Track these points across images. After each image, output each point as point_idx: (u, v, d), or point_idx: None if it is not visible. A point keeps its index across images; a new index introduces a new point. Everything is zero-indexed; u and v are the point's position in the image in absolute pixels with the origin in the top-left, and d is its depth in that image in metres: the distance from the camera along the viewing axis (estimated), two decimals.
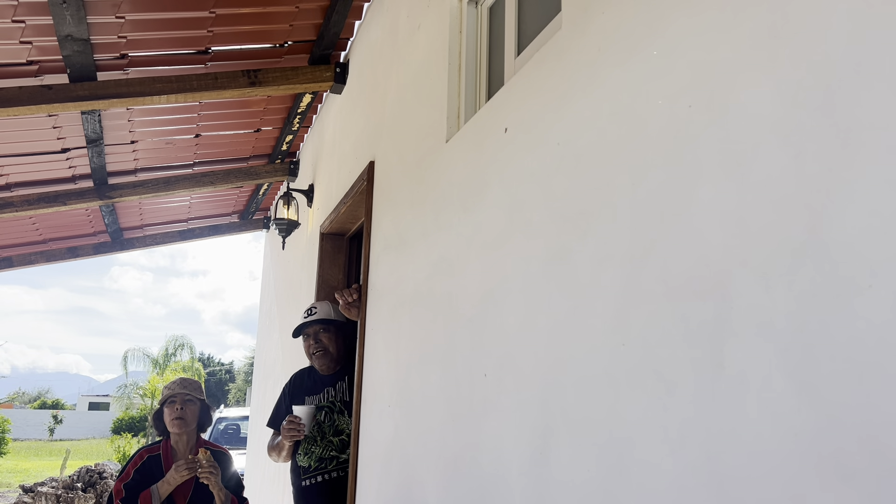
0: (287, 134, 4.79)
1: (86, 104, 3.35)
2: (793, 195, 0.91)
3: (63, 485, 7.73)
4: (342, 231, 3.81)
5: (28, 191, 4.62)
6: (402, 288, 2.41)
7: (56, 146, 4.16)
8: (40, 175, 4.53)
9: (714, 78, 1.07)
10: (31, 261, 5.99)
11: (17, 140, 4.00)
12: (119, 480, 3.03)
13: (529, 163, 1.61)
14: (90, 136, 4.03)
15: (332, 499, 2.93)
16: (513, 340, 1.59)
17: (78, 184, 4.73)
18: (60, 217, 5.42)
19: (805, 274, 0.87)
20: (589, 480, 1.25)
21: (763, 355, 0.92)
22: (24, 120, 3.71)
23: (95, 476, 8.10)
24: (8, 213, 4.65)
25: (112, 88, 3.34)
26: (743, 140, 1.00)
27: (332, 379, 3.16)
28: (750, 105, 1.00)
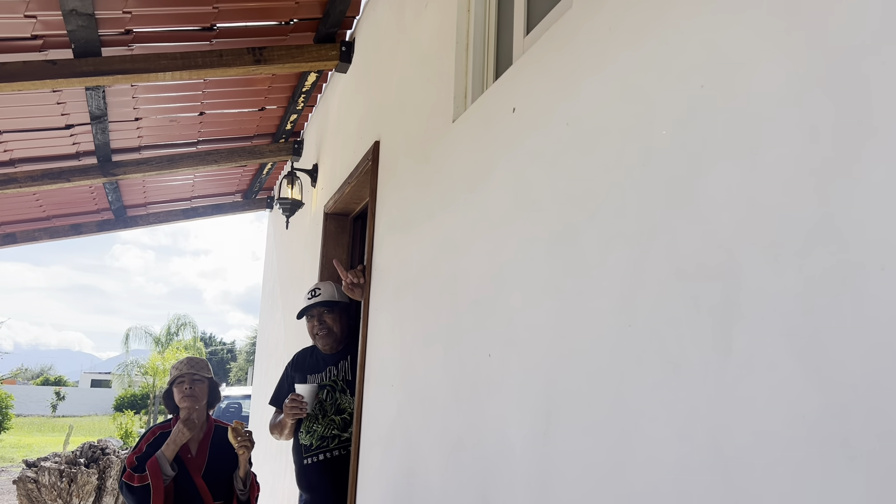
0: (291, 113, 4.77)
1: (90, 80, 3.33)
2: (805, 176, 0.90)
3: (66, 460, 7.78)
4: (346, 211, 3.81)
5: (32, 167, 4.61)
6: (407, 269, 2.41)
7: (60, 122, 4.14)
8: (44, 151, 4.52)
9: (727, 57, 1.06)
10: (35, 237, 5.99)
11: (21, 115, 3.99)
12: (132, 453, 3.07)
13: (537, 143, 1.60)
14: (94, 112, 4.02)
15: (333, 477, 2.95)
16: (518, 321, 1.59)
17: (82, 160, 4.72)
18: (64, 193, 5.42)
19: (816, 256, 0.87)
20: (593, 462, 1.25)
21: (771, 338, 0.91)
22: (29, 95, 3.70)
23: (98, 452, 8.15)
24: (11, 189, 4.64)
25: (117, 64, 3.33)
26: (756, 120, 0.99)
27: (334, 358, 3.17)
28: (764, 85, 0.99)
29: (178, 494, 3.01)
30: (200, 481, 3.04)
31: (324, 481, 2.98)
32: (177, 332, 27.74)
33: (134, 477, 2.96)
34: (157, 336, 27.35)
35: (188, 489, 3.03)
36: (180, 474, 3.02)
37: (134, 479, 2.95)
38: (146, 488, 2.92)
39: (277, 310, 5.56)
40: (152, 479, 2.92)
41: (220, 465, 3.10)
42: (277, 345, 5.27)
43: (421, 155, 2.39)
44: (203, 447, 3.12)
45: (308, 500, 3.07)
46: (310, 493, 3.06)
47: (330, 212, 3.82)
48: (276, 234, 6.22)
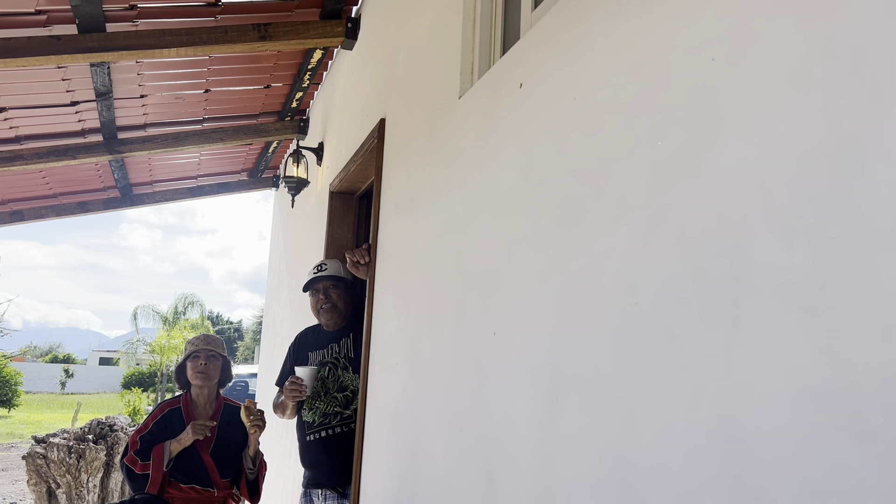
0: (297, 91, 4.74)
1: (95, 56, 3.31)
2: (818, 150, 0.88)
3: (75, 436, 7.86)
4: (352, 190, 3.79)
5: (37, 144, 4.61)
6: (412, 247, 2.40)
7: (65, 99, 4.13)
8: (49, 128, 4.51)
9: (739, 29, 1.04)
10: (42, 215, 6.01)
11: (26, 92, 3.97)
12: (136, 432, 3.09)
13: (545, 118, 1.58)
14: (99, 89, 4.00)
15: (335, 453, 2.96)
16: (523, 299, 1.58)
17: (87, 138, 4.71)
18: (70, 171, 5.42)
19: (828, 231, 0.85)
20: (598, 438, 1.25)
21: (781, 315, 0.90)
22: (33, 71, 3.68)
23: (106, 428, 8.22)
24: (18, 166, 4.64)
25: (121, 40, 3.30)
26: (768, 93, 0.97)
27: (336, 335, 3.17)
28: (776, 57, 0.96)
29: (186, 471, 3.04)
30: (208, 458, 3.06)
31: (326, 457, 2.99)
32: (184, 311, 27.90)
33: (137, 463, 2.98)
34: (165, 315, 27.51)
35: (196, 466, 3.05)
36: (189, 451, 3.04)
37: (137, 465, 2.97)
38: (147, 476, 2.95)
39: (283, 289, 5.57)
40: (153, 470, 2.95)
41: (229, 443, 3.12)
42: (283, 323, 5.28)
43: (427, 132, 2.37)
44: (214, 425, 3.14)
45: (311, 476, 3.08)
46: (313, 469, 3.07)
47: (335, 190, 3.80)
48: (282, 213, 6.22)
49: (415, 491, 2.08)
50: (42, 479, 7.55)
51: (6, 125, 4.29)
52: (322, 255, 3.83)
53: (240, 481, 3.15)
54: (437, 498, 1.92)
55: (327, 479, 3.00)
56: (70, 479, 7.51)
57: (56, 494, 7.53)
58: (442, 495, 1.89)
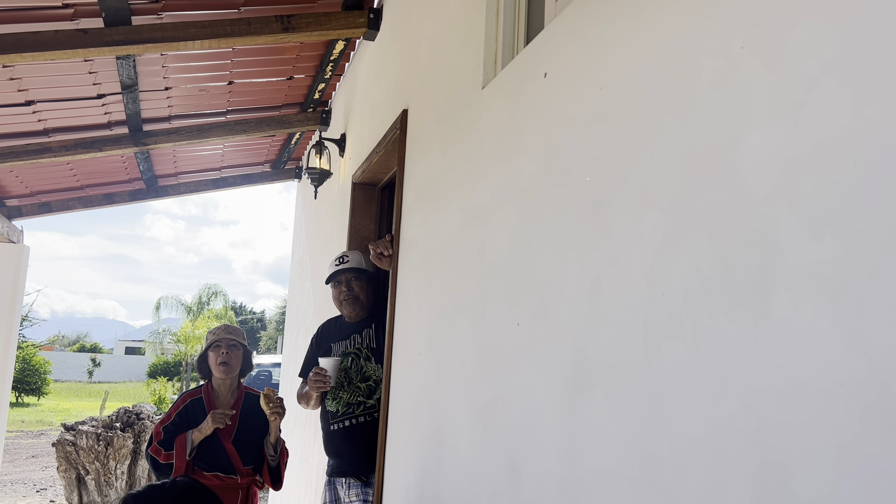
0: (319, 82, 4.76)
1: (121, 49, 3.35)
2: (847, 139, 0.87)
3: (103, 424, 8.00)
4: (374, 181, 3.80)
5: (65, 136, 4.67)
6: (435, 238, 2.40)
7: (92, 91, 4.18)
8: (77, 121, 4.57)
9: (768, 17, 1.02)
10: (69, 206, 6.10)
11: (53, 85, 4.03)
12: (160, 422, 3.15)
13: (569, 109, 1.57)
14: (125, 81, 4.04)
15: (359, 442, 2.99)
16: (547, 290, 1.58)
17: (113, 130, 4.76)
18: (96, 163, 5.49)
19: (857, 221, 0.84)
20: (623, 430, 1.24)
21: (810, 305, 0.89)
22: (61, 65, 3.73)
23: (133, 417, 8.36)
24: (46, 159, 4.71)
25: (146, 33, 3.33)
26: (797, 82, 0.96)
27: (358, 326, 3.19)
28: (806, 45, 0.95)
29: (210, 459, 3.09)
30: (230, 446, 3.10)
31: (350, 447, 3.02)
32: (208, 301, 28.22)
33: (161, 453, 3.04)
34: (189, 305, 27.84)
35: (219, 454, 3.09)
36: (211, 439, 3.09)
37: (161, 455, 3.04)
38: (171, 466, 3.01)
39: (306, 279, 5.61)
40: (177, 459, 3.01)
41: (250, 430, 3.17)
42: (307, 314, 5.32)
43: (449, 123, 2.37)
44: (234, 413, 3.18)
45: (335, 465, 3.11)
46: (337, 458, 3.11)
47: (358, 181, 3.82)
48: (305, 204, 6.25)
49: (439, 480, 2.10)
50: (71, 466, 7.70)
51: (34, 118, 4.36)
52: (345, 246, 3.84)
53: (262, 468, 3.19)
54: (462, 487, 1.93)
55: (351, 468, 3.03)
56: (98, 465, 7.65)
57: (85, 481, 7.68)
58: (466, 485, 1.90)
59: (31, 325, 26.24)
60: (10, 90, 3.90)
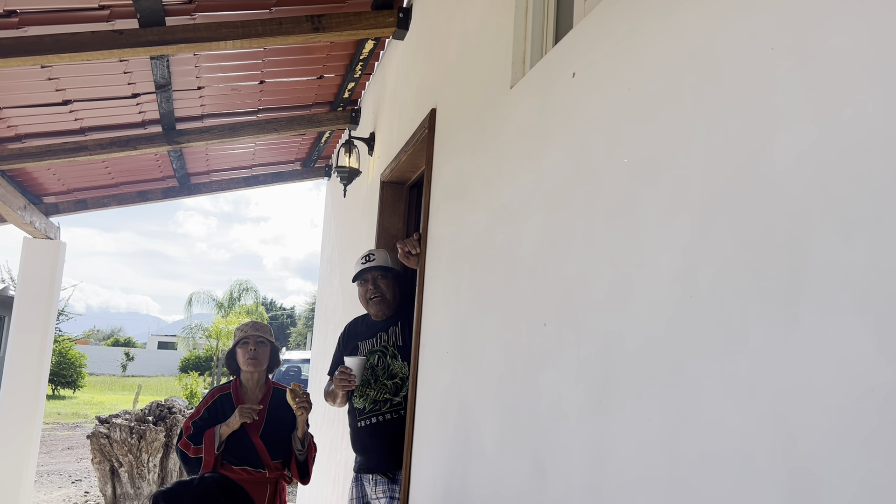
0: (349, 81, 4.79)
1: (155, 49, 3.41)
2: (880, 141, 0.85)
3: (136, 417, 8.15)
4: (402, 180, 3.82)
5: (101, 135, 4.77)
6: (462, 237, 2.41)
7: (127, 91, 4.25)
8: (112, 120, 4.66)
9: (800, 17, 1.01)
10: (104, 203, 6.22)
11: (90, 85, 4.11)
12: (189, 417, 3.21)
13: (597, 109, 1.57)
14: (159, 81, 4.11)
15: (385, 439, 3.01)
16: (574, 291, 1.57)
17: (147, 129, 4.85)
18: (131, 161, 5.59)
19: (890, 224, 0.83)
20: (650, 433, 1.24)
21: (841, 309, 0.88)
22: (97, 65, 3.80)
23: (165, 410, 8.51)
24: (83, 157, 4.81)
25: (180, 33, 3.38)
26: (829, 83, 0.94)
27: (385, 324, 3.21)
28: (838, 46, 0.93)
29: (238, 453, 3.13)
30: (258, 441, 3.15)
31: (377, 443, 3.04)
32: (239, 297, 28.54)
33: (190, 447, 3.10)
34: (220, 301, 28.20)
35: (247, 448, 3.14)
36: (240, 434, 3.13)
37: (190, 449, 3.09)
38: (200, 460, 3.07)
39: (335, 277, 5.65)
40: (206, 454, 3.06)
41: (278, 425, 3.20)
42: (335, 311, 5.36)
43: (477, 122, 2.37)
44: (262, 408, 3.22)
45: (362, 461, 3.14)
46: (364, 454, 3.13)
47: (386, 180, 3.84)
48: (334, 203, 6.30)
49: (465, 479, 2.10)
50: (105, 458, 7.86)
51: (71, 117, 4.45)
52: (373, 244, 3.87)
53: (290, 463, 3.23)
54: (488, 486, 1.93)
55: (378, 465, 3.05)
56: (132, 458, 7.80)
57: (119, 473, 7.83)
58: (492, 484, 1.90)
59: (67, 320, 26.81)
60: (49, 90, 3.99)
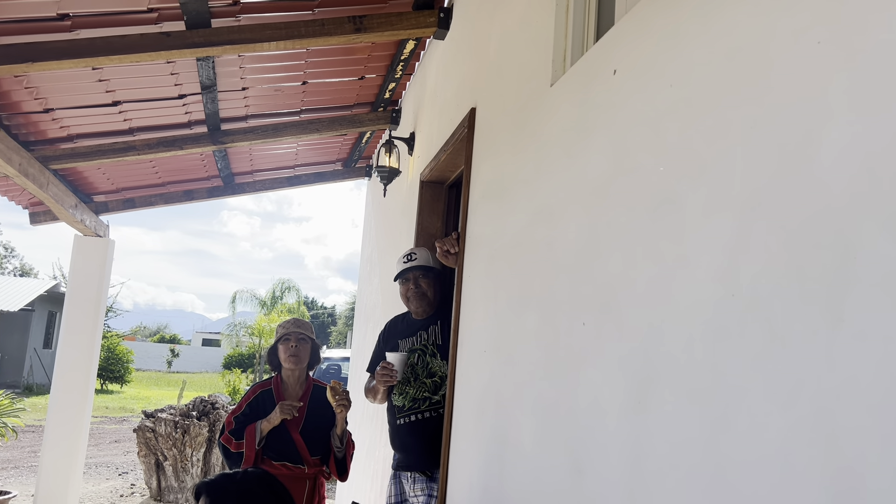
0: (390, 81, 4.82)
1: (200, 51, 3.48)
2: None
3: (180, 412, 8.33)
4: (442, 179, 3.83)
5: (149, 135, 4.89)
6: (501, 236, 2.40)
7: (174, 92, 4.35)
8: (159, 120, 4.77)
9: (847, 11, 0.98)
10: (151, 202, 6.37)
11: (139, 86, 4.22)
12: (231, 413, 3.27)
13: (638, 106, 1.55)
14: (204, 82, 4.19)
15: (424, 437, 3.02)
16: (614, 289, 1.56)
17: (193, 129, 4.95)
18: (177, 161, 5.71)
19: None
20: (690, 433, 1.22)
21: (888, 310, 0.86)
22: (145, 66, 3.90)
23: (209, 406, 8.67)
24: (131, 157, 4.94)
25: (225, 35, 3.45)
26: (877, 79, 0.92)
27: (425, 322, 3.22)
28: (885, 39, 0.91)
29: (278, 449, 3.18)
30: (298, 437, 3.19)
31: (415, 441, 3.05)
32: (281, 295, 28.94)
33: (232, 442, 3.16)
34: (263, 299, 28.63)
35: (287, 444, 3.18)
36: (280, 430, 3.17)
37: (232, 444, 3.15)
38: (241, 455, 3.12)
39: (375, 276, 5.69)
40: (247, 448, 3.11)
41: (318, 422, 3.24)
42: (375, 309, 5.41)
43: (517, 120, 2.37)
44: (302, 405, 3.26)
45: (401, 459, 3.16)
46: (402, 452, 3.15)
47: (426, 179, 3.85)
48: (374, 202, 6.35)
49: (503, 478, 2.10)
50: (151, 452, 8.05)
51: (121, 118, 4.57)
52: (412, 243, 3.89)
53: (329, 459, 3.27)
54: (526, 485, 1.93)
55: (416, 463, 3.06)
56: (176, 452, 7.97)
57: (163, 466, 8.01)
58: (530, 483, 1.90)
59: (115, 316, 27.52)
60: (99, 91, 4.10)
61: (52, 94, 4.05)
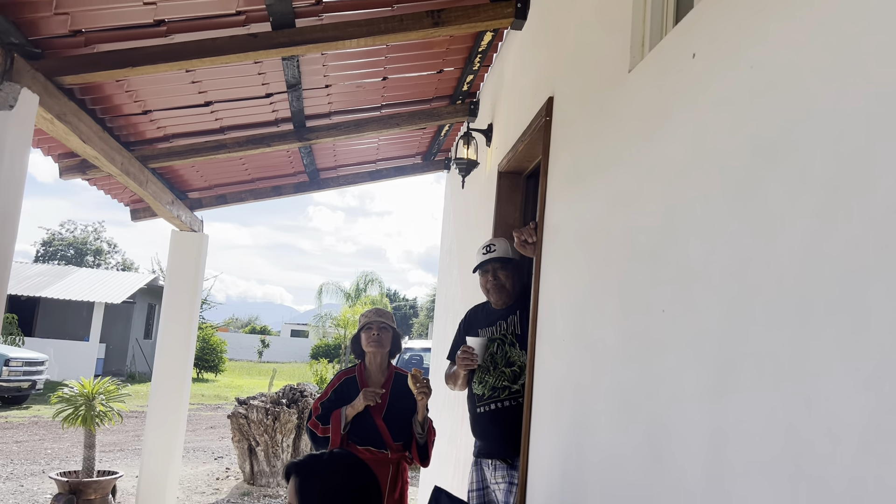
0: (468, 74, 4.85)
1: (286, 50, 3.60)
2: None
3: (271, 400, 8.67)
4: (519, 169, 3.83)
5: (238, 133, 5.09)
6: (579, 223, 2.40)
7: (261, 91, 4.52)
8: (248, 119, 4.96)
9: None
10: (242, 198, 6.63)
11: (229, 87, 4.40)
12: (318, 399, 3.40)
13: (717, 89, 1.52)
14: (290, 81, 4.34)
15: (504, 425, 3.05)
16: (692, 276, 1.54)
17: (280, 126, 5.13)
18: (265, 158, 5.92)
19: None
20: (772, 420, 1.20)
21: None
22: (235, 67, 4.07)
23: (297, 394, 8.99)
24: (223, 154, 5.17)
25: (308, 34, 3.56)
26: None
27: (504, 313, 3.25)
28: None
29: (362, 434, 3.28)
30: (381, 422, 3.28)
31: (495, 429, 3.09)
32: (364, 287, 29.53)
33: (319, 427, 3.28)
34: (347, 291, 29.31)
35: (370, 429, 3.28)
36: (364, 415, 3.28)
37: (318, 429, 3.28)
38: (328, 439, 3.24)
39: (454, 267, 5.75)
40: (332, 433, 3.23)
41: (399, 408, 3.33)
42: (454, 300, 5.46)
43: (595, 108, 2.35)
44: (385, 392, 3.36)
45: (482, 446, 3.20)
46: (483, 440, 3.19)
47: (503, 170, 3.87)
48: (453, 195, 6.40)
49: (581, 464, 2.11)
50: (244, 437, 8.41)
51: (212, 117, 4.79)
52: (490, 234, 3.91)
53: (411, 445, 3.34)
54: (604, 472, 1.93)
55: (497, 450, 3.10)
56: (267, 438, 8.30)
57: (256, 451, 8.35)
58: (608, 469, 1.90)
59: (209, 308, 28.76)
60: (193, 92, 4.31)
61: (150, 97, 4.29)
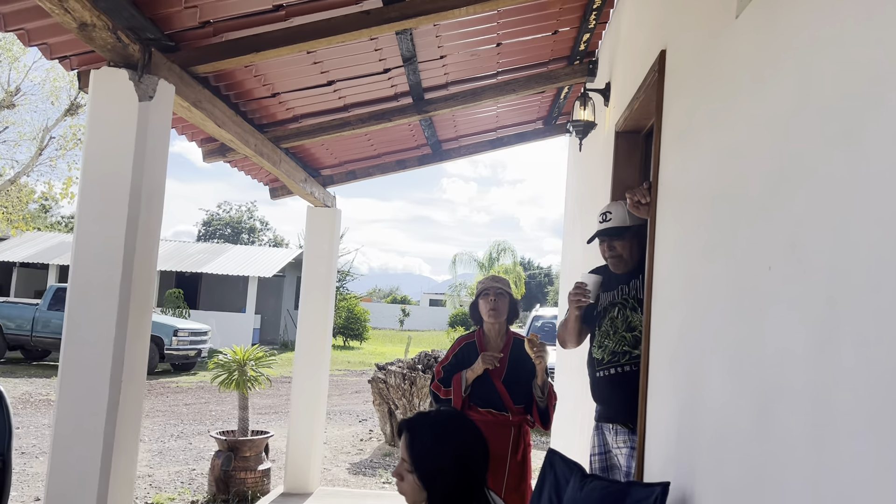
0: (584, 33, 4.73)
1: (398, 24, 3.68)
2: None
3: (407, 365, 9.02)
4: (637, 128, 3.71)
5: (361, 110, 5.26)
6: (689, 180, 2.31)
7: (379, 67, 4.64)
8: (369, 95, 5.12)
9: None
10: (370, 173, 6.87)
11: (348, 65, 4.56)
12: (440, 363, 3.51)
13: (825, 30, 1.42)
14: (405, 54, 4.43)
15: (624, 390, 3.00)
16: (799, 231, 1.46)
17: (399, 101, 5.24)
18: (388, 132, 6.09)
19: None
20: (879, 377, 1.13)
21: None
22: (352, 45, 4.21)
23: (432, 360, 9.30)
24: (348, 131, 5.37)
25: (419, 6, 3.61)
26: None
27: (626, 277, 3.18)
28: None
29: (483, 396, 3.36)
30: (501, 386, 3.35)
31: (616, 393, 3.05)
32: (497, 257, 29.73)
33: (441, 389, 3.40)
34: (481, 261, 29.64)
35: (491, 392, 3.36)
36: (484, 379, 3.36)
37: (441, 391, 3.40)
38: (449, 401, 3.35)
39: (577, 231, 5.68)
40: (454, 395, 3.33)
41: (519, 372, 3.38)
42: (576, 266, 5.41)
43: (703, 58, 2.25)
44: (503, 356, 3.42)
45: (602, 411, 3.18)
46: (603, 404, 3.17)
47: (620, 130, 3.76)
48: (574, 158, 6.30)
49: (693, 425, 2.06)
50: (384, 401, 8.82)
51: (335, 96, 4.98)
52: (609, 197, 3.83)
53: (532, 409, 3.39)
54: (714, 431, 1.89)
55: (617, 415, 3.07)
56: (405, 401, 8.65)
57: (395, 414, 8.74)
58: (718, 429, 1.85)
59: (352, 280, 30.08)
60: (315, 73, 4.50)
61: (277, 80, 4.53)
